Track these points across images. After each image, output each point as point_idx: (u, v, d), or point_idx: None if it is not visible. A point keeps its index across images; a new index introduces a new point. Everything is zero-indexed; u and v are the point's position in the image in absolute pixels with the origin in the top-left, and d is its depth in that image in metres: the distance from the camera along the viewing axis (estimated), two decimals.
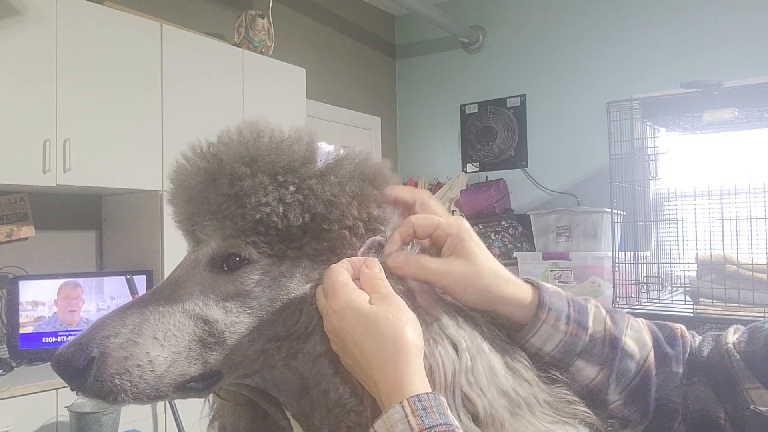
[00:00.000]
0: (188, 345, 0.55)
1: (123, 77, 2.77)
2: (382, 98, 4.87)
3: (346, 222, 0.57)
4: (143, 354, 0.53)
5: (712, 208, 2.67)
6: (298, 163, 0.58)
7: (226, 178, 0.57)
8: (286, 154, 0.58)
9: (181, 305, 0.56)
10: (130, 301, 0.57)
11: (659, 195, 3.44)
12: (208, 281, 0.57)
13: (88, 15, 2.67)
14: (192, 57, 3.06)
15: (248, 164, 0.57)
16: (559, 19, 4.28)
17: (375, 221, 0.60)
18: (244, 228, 0.56)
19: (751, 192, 2.59)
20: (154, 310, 0.55)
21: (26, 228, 2.83)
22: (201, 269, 0.58)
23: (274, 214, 0.55)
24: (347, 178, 0.58)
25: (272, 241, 0.56)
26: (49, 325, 2.72)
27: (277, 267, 0.57)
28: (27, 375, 2.43)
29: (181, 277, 0.58)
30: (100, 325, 0.55)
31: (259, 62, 3.41)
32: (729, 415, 0.60)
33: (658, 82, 3.75)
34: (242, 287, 0.56)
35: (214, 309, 0.56)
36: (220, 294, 0.57)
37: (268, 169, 0.56)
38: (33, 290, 2.71)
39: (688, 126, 2.96)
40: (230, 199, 0.56)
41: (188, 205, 0.60)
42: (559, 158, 4.24)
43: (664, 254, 3.01)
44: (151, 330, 0.54)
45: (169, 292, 0.57)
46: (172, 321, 0.55)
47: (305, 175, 0.57)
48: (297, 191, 0.56)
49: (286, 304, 0.57)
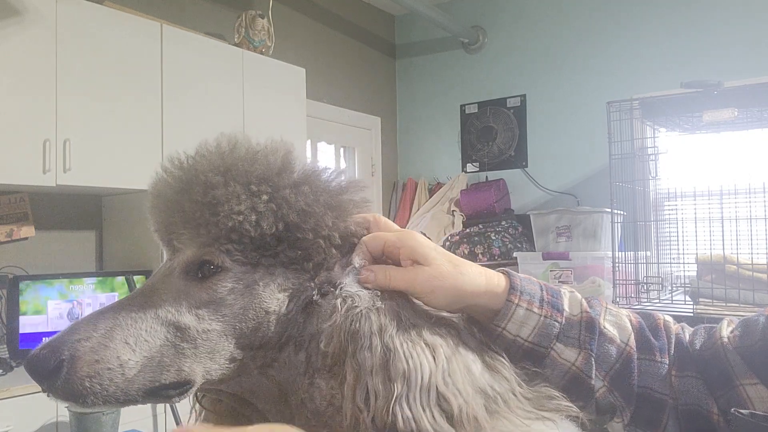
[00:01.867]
0: (160, 350, 0.55)
1: (123, 77, 2.77)
2: (382, 98, 4.87)
3: (321, 231, 0.58)
4: (114, 358, 0.54)
5: (712, 208, 2.67)
6: (272, 173, 0.58)
7: (200, 187, 0.57)
8: (261, 164, 0.59)
9: (153, 311, 0.56)
10: (105, 306, 0.58)
11: (659, 195, 3.44)
12: (182, 288, 0.58)
13: (88, 15, 2.67)
14: (192, 57, 3.06)
15: (222, 173, 0.58)
16: (560, 19, 4.29)
17: (351, 235, 0.61)
18: (218, 236, 0.57)
19: (751, 192, 2.59)
20: (127, 316, 0.56)
21: (26, 228, 2.83)
22: (175, 277, 0.59)
23: (246, 223, 0.56)
24: (321, 189, 0.59)
25: (246, 249, 0.57)
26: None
27: (251, 275, 0.58)
28: (27, 375, 2.42)
29: (155, 285, 0.59)
30: (73, 328, 0.55)
31: (259, 62, 3.41)
32: (722, 410, 0.59)
33: (658, 82, 3.75)
34: (215, 295, 0.57)
35: (187, 316, 0.56)
36: (193, 301, 0.57)
37: (241, 179, 0.57)
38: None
39: (688, 126, 2.96)
40: (204, 207, 0.57)
41: (164, 215, 0.61)
42: (559, 158, 4.24)
43: (664, 254, 3.01)
44: (123, 335, 0.55)
45: (143, 299, 0.58)
46: (144, 326, 0.56)
47: (279, 185, 0.58)
48: (270, 200, 0.57)
49: (259, 313, 0.57)
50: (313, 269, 0.59)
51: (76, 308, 2.78)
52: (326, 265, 0.59)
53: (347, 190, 0.62)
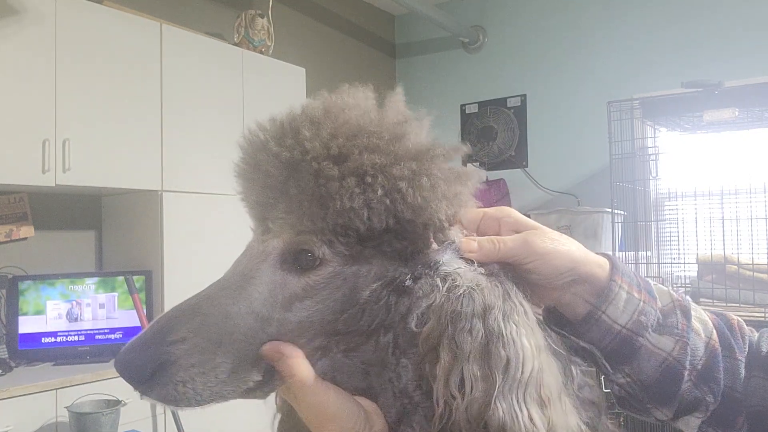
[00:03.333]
0: (252, 348, 0.53)
1: (123, 77, 2.77)
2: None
3: (432, 223, 0.54)
4: (208, 361, 0.51)
5: (712, 208, 2.67)
6: (389, 160, 0.52)
7: (311, 176, 0.52)
8: (378, 149, 0.53)
9: (248, 305, 0.53)
10: (197, 296, 0.54)
11: (659, 195, 3.43)
12: (278, 280, 0.54)
13: (88, 15, 2.67)
14: (192, 57, 3.06)
15: (336, 161, 0.52)
16: (559, 19, 4.28)
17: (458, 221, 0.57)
18: (323, 228, 0.52)
19: (751, 192, 2.59)
20: (220, 311, 0.53)
21: (26, 228, 2.83)
22: (270, 264, 0.55)
23: (357, 219, 0.51)
24: (441, 178, 0.54)
25: (350, 242, 0.53)
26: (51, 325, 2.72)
27: (350, 266, 0.54)
28: (26, 375, 2.43)
29: (249, 272, 0.55)
30: (166, 327, 0.52)
31: (259, 62, 3.41)
32: None
33: (658, 81, 3.75)
34: (313, 290, 0.54)
35: (281, 311, 0.53)
36: (288, 294, 0.54)
37: (357, 169, 0.52)
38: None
39: (689, 126, 2.95)
40: (313, 199, 0.52)
41: (262, 193, 0.55)
42: (560, 158, 4.24)
43: (665, 254, 3.00)
44: (218, 333, 0.52)
45: (236, 290, 0.54)
46: (239, 324, 0.52)
47: (396, 176, 0.52)
48: (385, 194, 0.51)
49: (352, 304, 0.54)
50: (411, 255, 0.55)
51: (75, 308, 2.78)
52: (423, 248, 0.55)
53: (464, 178, 0.57)
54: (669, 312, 0.59)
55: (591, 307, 0.57)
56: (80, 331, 2.77)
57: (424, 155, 0.54)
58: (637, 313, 0.57)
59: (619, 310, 0.57)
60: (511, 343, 0.49)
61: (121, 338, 2.83)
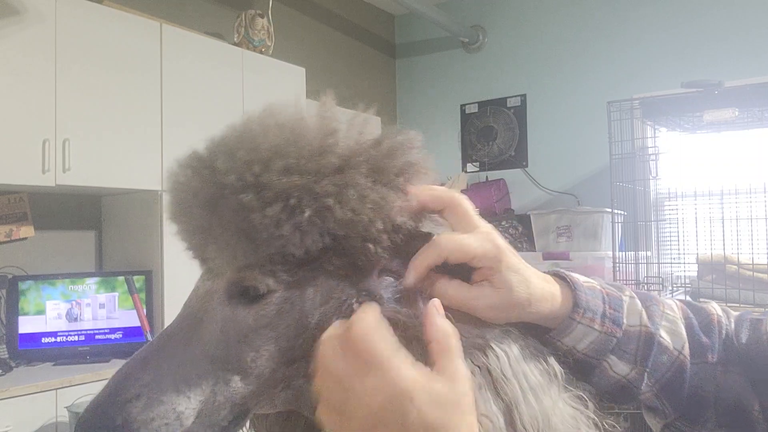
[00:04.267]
0: (213, 390, 0.52)
1: (123, 77, 2.77)
2: (382, 98, 4.86)
3: (369, 236, 0.51)
4: (170, 411, 0.50)
5: (712, 208, 2.67)
6: (311, 180, 0.50)
7: (230, 211, 0.50)
8: (298, 168, 0.50)
9: (201, 348, 0.52)
10: (147, 347, 0.53)
11: (659, 195, 3.43)
12: (228, 316, 0.53)
13: (88, 15, 2.67)
14: (192, 57, 3.06)
15: (254, 189, 0.50)
16: (559, 19, 4.28)
17: (399, 230, 0.54)
18: (259, 261, 0.51)
19: (751, 192, 2.59)
20: (174, 360, 0.52)
21: (25, 228, 2.83)
22: (217, 303, 0.54)
23: (290, 245, 0.50)
24: (368, 187, 0.51)
25: (290, 267, 0.52)
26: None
27: (296, 290, 0.53)
28: (26, 375, 2.43)
29: (197, 314, 0.54)
30: (120, 384, 0.51)
31: (259, 62, 3.41)
32: (763, 407, 0.58)
33: (658, 81, 3.75)
34: (263, 319, 0.53)
35: (236, 346, 0.53)
36: (240, 329, 0.53)
37: (279, 195, 0.49)
38: None
39: (689, 126, 2.95)
40: (239, 234, 0.50)
41: (193, 236, 0.55)
42: (560, 158, 4.24)
43: (665, 254, 3.00)
44: (174, 383, 0.51)
45: (187, 334, 0.53)
46: (194, 369, 0.52)
47: (320, 193, 0.50)
48: (314, 214, 0.50)
49: (306, 326, 0.53)
50: (356, 273, 0.54)
51: (75, 308, 2.78)
52: (372, 268, 0.54)
53: (404, 174, 0.54)
54: (631, 338, 0.59)
55: (546, 335, 0.58)
56: (80, 331, 2.77)
57: (349, 165, 0.52)
58: (595, 343, 0.58)
59: (575, 341, 0.58)
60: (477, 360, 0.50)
61: (121, 338, 2.83)
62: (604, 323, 0.58)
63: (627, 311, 0.60)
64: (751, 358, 0.60)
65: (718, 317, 0.63)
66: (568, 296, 0.58)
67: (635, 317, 0.60)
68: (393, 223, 0.52)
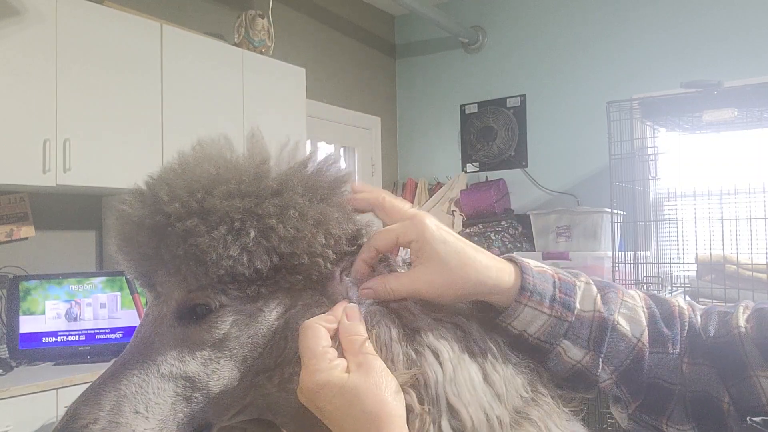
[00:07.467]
0: (173, 408, 0.53)
1: (123, 77, 2.77)
2: (382, 98, 4.87)
3: (315, 252, 0.54)
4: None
5: (711, 208, 2.67)
6: (253, 203, 0.53)
7: (177, 237, 0.52)
8: (239, 192, 0.53)
9: (156, 369, 0.53)
10: (102, 375, 0.54)
11: (659, 195, 3.43)
12: (179, 335, 0.54)
13: (88, 15, 2.67)
14: (192, 57, 3.06)
15: (199, 215, 0.52)
16: (559, 19, 4.29)
17: (340, 242, 0.57)
18: (209, 282, 0.53)
19: (750, 192, 2.59)
20: (129, 382, 0.52)
21: (26, 228, 2.83)
22: (168, 324, 0.55)
23: (239, 266, 0.51)
24: (306, 205, 0.54)
25: (242, 286, 0.53)
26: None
27: (252, 303, 0.54)
28: (27, 375, 2.43)
29: (149, 337, 0.55)
30: (76, 413, 0.52)
31: (259, 62, 3.41)
32: (734, 399, 0.58)
33: (658, 82, 3.75)
34: (217, 332, 0.54)
35: (192, 363, 0.53)
36: (194, 345, 0.54)
37: (223, 218, 0.52)
38: None
39: (688, 126, 2.96)
40: (188, 259, 0.52)
41: (141, 264, 0.56)
42: (559, 158, 4.24)
43: (664, 254, 3.01)
44: (131, 405, 0.51)
45: (141, 357, 0.54)
46: (150, 389, 0.52)
47: (263, 215, 0.52)
48: (259, 235, 0.52)
49: (268, 335, 0.54)
50: (317, 282, 0.56)
51: (74, 308, 2.78)
52: (330, 276, 0.56)
53: (335, 188, 0.58)
54: (584, 323, 0.59)
55: (496, 320, 0.59)
56: (81, 330, 2.77)
57: (285, 187, 0.55)
58: (545, 327, 0.58)
59: (524, 324, 0.58)
60: (412, 366, 0.52)
61: (122, 338, 2.83)
62: (554, 307, 0.58)
63: (581, 297, 0.60)
64: (720, 351, 0.60)
65: (680, 309, 0.63)
66: (518, 280, 0.59)
67: (589, 302, 0.60)
68: (334, 236, 0.55)
